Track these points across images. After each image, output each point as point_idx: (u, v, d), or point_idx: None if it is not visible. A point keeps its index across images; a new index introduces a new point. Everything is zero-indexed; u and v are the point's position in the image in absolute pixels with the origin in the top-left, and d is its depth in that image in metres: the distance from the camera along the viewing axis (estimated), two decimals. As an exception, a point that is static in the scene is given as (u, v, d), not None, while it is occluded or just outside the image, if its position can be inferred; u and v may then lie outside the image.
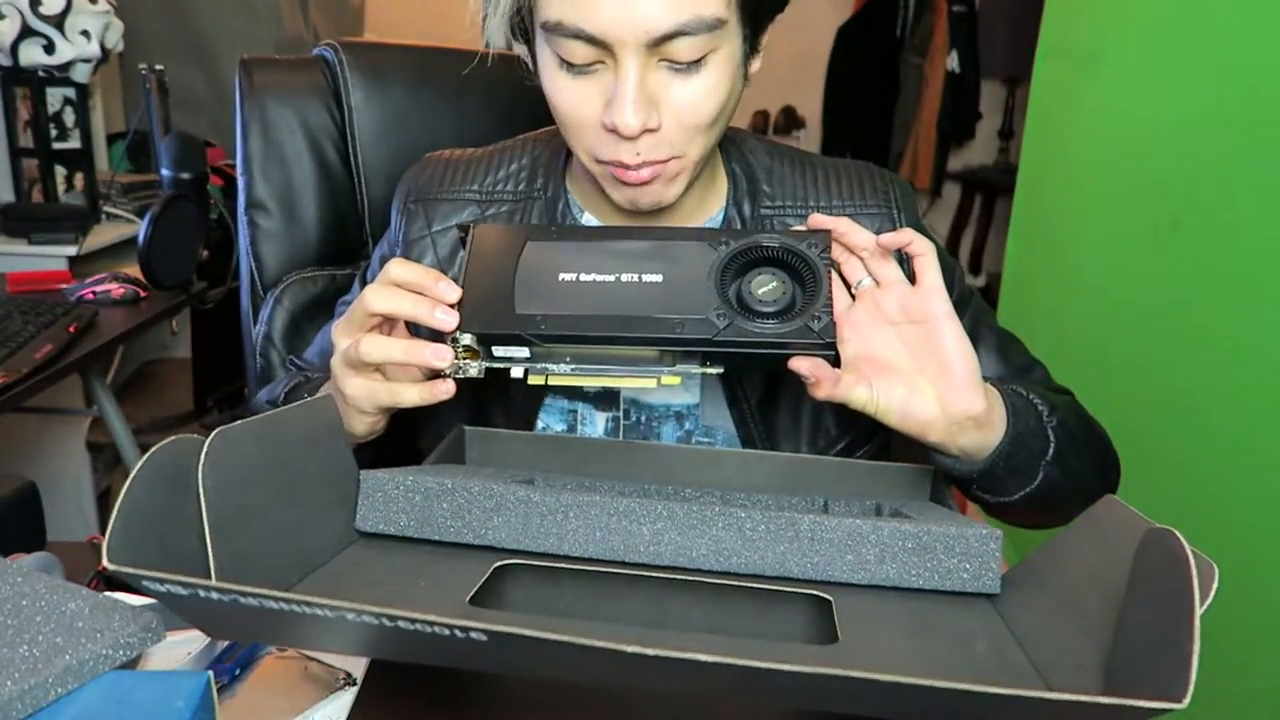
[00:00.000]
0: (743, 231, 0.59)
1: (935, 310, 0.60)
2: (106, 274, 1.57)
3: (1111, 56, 1.59)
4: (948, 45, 3.52)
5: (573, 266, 0.59)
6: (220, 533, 0.43)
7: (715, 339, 0.56)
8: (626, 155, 0.64)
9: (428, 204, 0.79)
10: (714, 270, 0.58)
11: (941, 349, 0.60)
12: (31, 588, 0.54)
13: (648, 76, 0.62)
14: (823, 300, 0.57)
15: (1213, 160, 1.26)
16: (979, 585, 0.50)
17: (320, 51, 1.01)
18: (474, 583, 0.48)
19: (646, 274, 0.58)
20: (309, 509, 0.51)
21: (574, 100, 0.65)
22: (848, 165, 0.81)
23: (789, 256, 0.59)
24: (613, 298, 0.58)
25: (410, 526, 0.54)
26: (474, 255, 0.61)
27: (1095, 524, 0.48)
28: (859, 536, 0.50)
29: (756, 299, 0.58)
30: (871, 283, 0.63)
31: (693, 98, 0.63)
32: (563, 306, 0.58)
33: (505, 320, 0.58)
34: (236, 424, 0.46)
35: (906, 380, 0.60)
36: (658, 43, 0.61)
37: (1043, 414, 0.65)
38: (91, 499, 1.77)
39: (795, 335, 0.56)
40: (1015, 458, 0.62)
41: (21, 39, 1.70)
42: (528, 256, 0.60)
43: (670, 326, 0.57)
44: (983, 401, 0.59)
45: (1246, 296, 1.16)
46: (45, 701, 0.48)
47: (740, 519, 0.51)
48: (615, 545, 0.51)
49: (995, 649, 0.45)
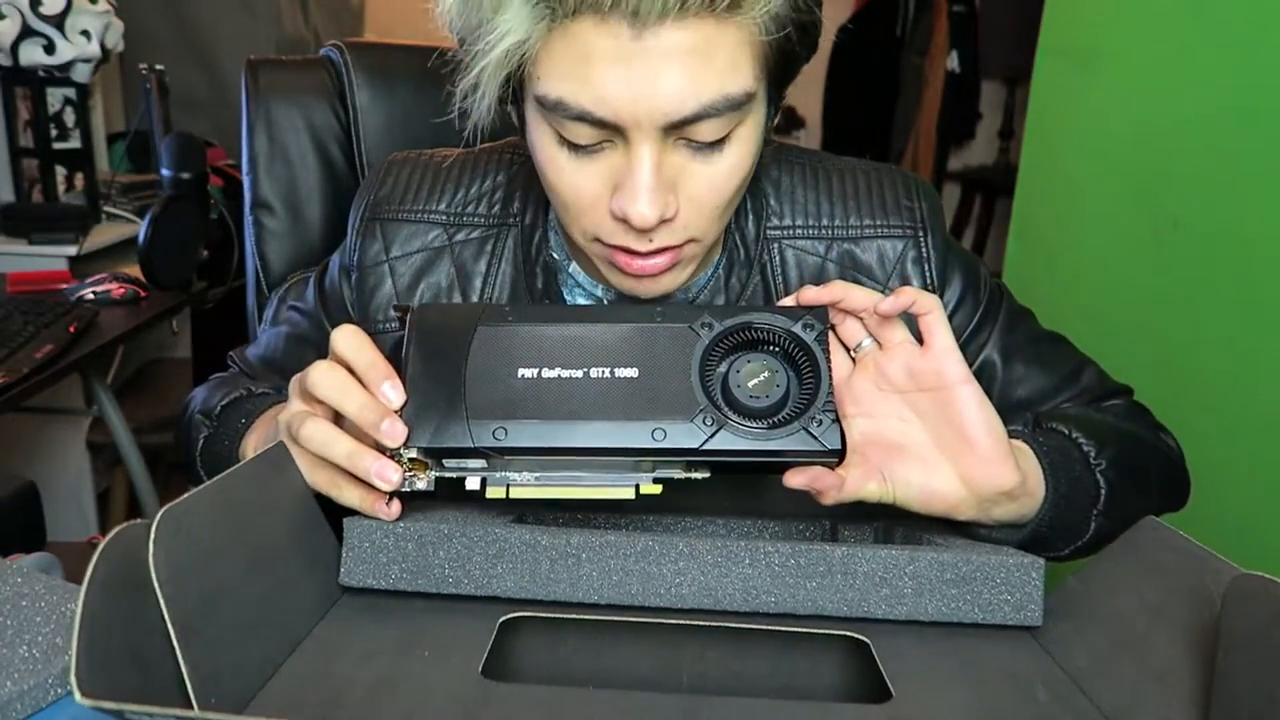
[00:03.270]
0: (729, 309, 0.52)
1: (950, 375, 0.52)
2: (106, 274, 1.57)
3: (1111, 56, 1.59)
4: (948, 45, 3.51)
5: (533, 360, 0.51)
6: (187, 632, 0.37)
7: (701, 448, 0.49)
8: (638, 244, 0.57)
9: (386, 224, 0.70)
10: (697, 359, 0.51)
11: (960, 420, 0.51)
12: (31, 588, 0.54)
13: (664, 159, 0.54)
14: (824, 397, 0.50)
15: (1213, 160, 1.25)
16: (1021, 618, 0.47)
17: (326, 52, 1.01)
18: (482, 645, 0.44)
19: (619, 368, 0.50)
20: (280, 577, 0.46)
21: (576, 184, 0.56)
22: (868, 172, 0.71)
23: (782, 340, 0.52)
24: (581, 399, 0.50)
25: (404, 579, 0.49)
26: (416, 346, 0.52)
27: (1138, 548, 0.45)
28: (894, 568, 0.47)
29: (747, 392, 0.51)
30: (873, 345, 0.54)
31: (715, 180, 0.56)
32: (522, 412, 0.50)
33: (457, 431, 0.49)
34: (183, 499, 0.41)
35: (923, 461, 0.52)
36: (677, 126, 0.53)
37: (1089, 457, 0.58)
38: (91, 499, 1.77)
39: (795, 444, 0.49)
40: (1060, 520, 0.55)
41: (21, 39, 1.70)
42: (480, 347, 0.51)
43: (649, 434, 0.49)
44: (1014, 474, 0.52)
45: (1247, 296, 1.16)
46: (45, 701, 0.48)
47: (768, 553, 0.47)
48: (634, 589, 0.47)
49: (1056, 695, 0.42)
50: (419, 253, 0.70)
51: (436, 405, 0.50)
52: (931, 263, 0.69)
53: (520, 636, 0.48)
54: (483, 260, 0.70)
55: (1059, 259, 1.79)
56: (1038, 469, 0.55)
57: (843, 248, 0.69)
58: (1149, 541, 0.45)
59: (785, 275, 0.69)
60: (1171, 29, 1.40)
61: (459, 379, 0.50)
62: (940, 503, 0.52)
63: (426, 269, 0.70)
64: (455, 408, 0.50)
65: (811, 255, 0.69)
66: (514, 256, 0.69)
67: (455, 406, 0.50)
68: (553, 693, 0.42)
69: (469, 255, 0.70)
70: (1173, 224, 1.34)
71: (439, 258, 0.70)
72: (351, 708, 0.40)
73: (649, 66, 0.51)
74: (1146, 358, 1.43)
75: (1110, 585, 0.46)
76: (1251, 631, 0.36)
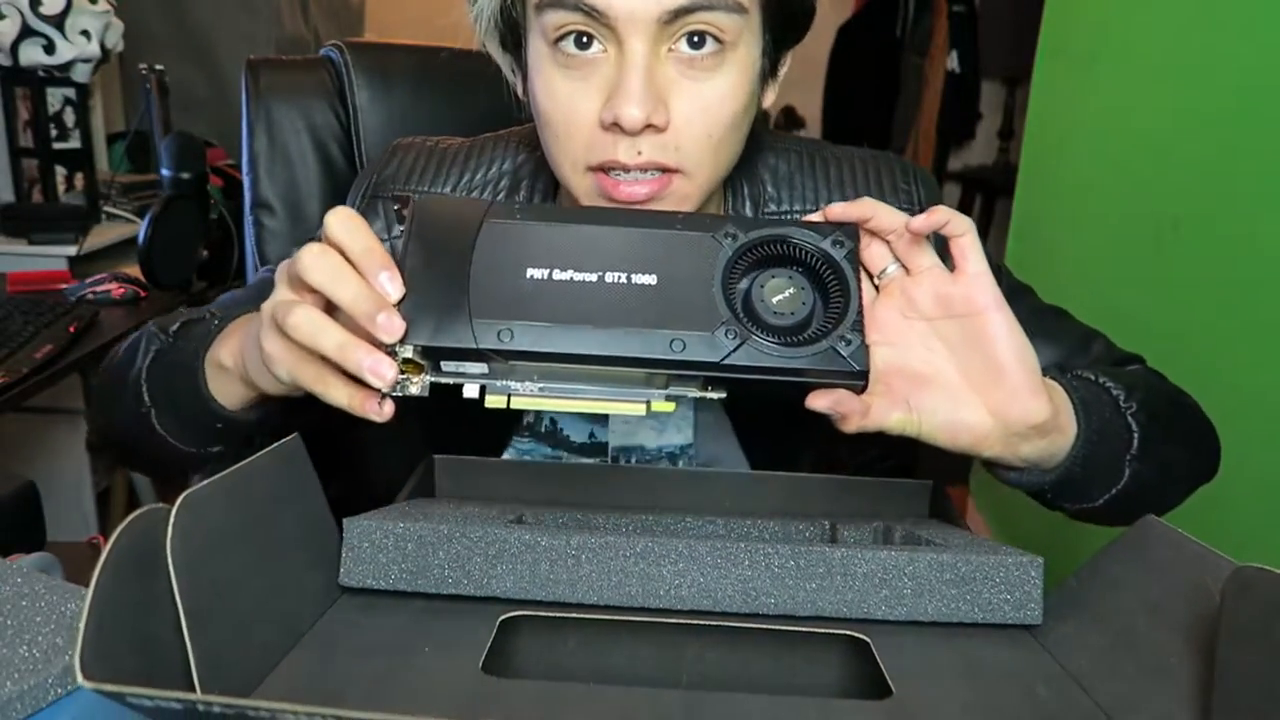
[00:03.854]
0: (755, 221, 0.49)
1: (981, 300, 0.49)
2: (106, 274, 1.57)
3: (1111, 57, 1.59)
4: (948, 45, 3.51)
5: (544, 259, 0.47)
6: (196, 619, 0.37)
7: (723, 363, 0.46)
8: (625, 154, 0.55)
9: (388, 202, 0.69)
10: (720, 270, 0.48)
11: (991, 348, 0.49)
12: (31, 588, 0.54)
13: (657, 69, 0.54)
14: (852, 316, 0.48)
15: (1213, 160, 1.25)
16: (1021, 617, 0.47)
17: (326, 52, 1.01)
18: (482, 643, 0.44)
19: (637, 274, 0.47)
20: (286, 570, 0.46)
21: (568, 97, 0.56)
22: (864, 156, 0.71)
23: (809, 256, 0.49)
24: (594, 304, 0.47)
25: (403, 579, 0.48)
26: (416, 238, 0.48)
27: (1138, 545, 0.45)
28: (894, 569, 0.47)
29: (770, 308, 0.48)
30: (899, 270, 0.52)
31: (705, 99, 0.56)
32: (531, 313, 0.46)
33: (458, 331, 0.46)
34: (202, 486, 0.40)
35: (950, 392, 0.50)
36: (670, 21, 0.53)
37: (1119, 400, 0.56)
38: (91, 499, 1.77)
39: (820, 362, 0.47)
40: (1094, 460, 0.53)
41: (21, 39, 1.70)
42: (486, 243, 0.48)
43: (667, 345, 0.46)
44: (1046, 406, 0.50)
45: (1247, 296, 1.16)
46: (45, 701, 0.48)
47: (768, 555, 0.47)
48: (633, 590, 0.47)
49: (1056, 692, 0.42)
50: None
51: (437, 302, 0.47)
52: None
53: (520, 636, 0.47)
54: None
55: (1059, 259, 1.79)
56: (1069, 405, 0.53)
57: None
58: (1149, 539, 0.45)
59: None
60: (1171, 29, 1.40)
61: (463, 275, 0.47)
62: (967, 435, 0.50)
63: None
64: (458, 305, 0.46)
65: None
66: None
67: (458, 304, 0.46)
68: (553, 688, 0.42)
69: None
70: (1173, 224, 1.34)
71: None
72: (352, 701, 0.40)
73: None
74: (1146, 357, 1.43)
75: (1110, 583, 0.46)
76: (1251, 623, 0.36)
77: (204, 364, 0.57)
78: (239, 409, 0.58)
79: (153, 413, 0.61)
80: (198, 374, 0.57)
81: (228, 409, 0.57)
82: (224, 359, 0.56)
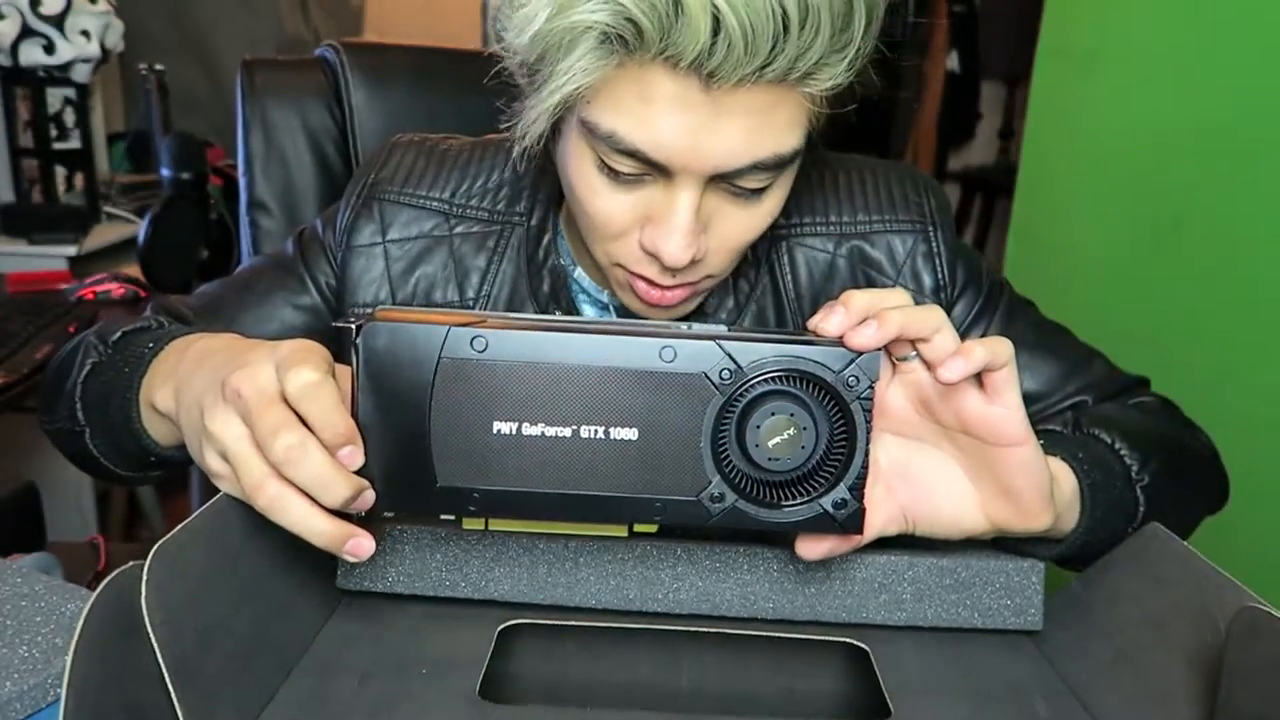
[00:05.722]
0: (754, 339, 0.43)
1: (1011, 435, 0.45)
2: (106, 274, 1.56)
3: (1111, 56, 1.59)
4: (948, 45, 3.51)
5: (510, 410, 0.42)
6: (181, 672, 0.35)
7: (707, 526, 0.43)
8: (660, 277, 0.56)
9: (385, 205, 0.68)
10: (709, 422, 0.43)
11: (1010, 478, 0.45)
12: (31, 588, 0.54)
13: (704, 200, 0.53)
14: (855, 473, 0.43)
15: (1214, 160, 1.25)
16: (1021, 623, 0.46)
17: (321, 52, 1.01)
18: (479, 660, 0.43)
19: (616, 428, 0.42)
20: (273, 599, 0.44)
21: (609, 210, 0.54)
22: (875, 168, 0.71)
23: (818, 393, 0.43)
24: (568, 466, 0.42)
25: (401, 582, 0.48)
26: (368, 381, 0.42)
27: (1141, 555, 0.45)
28: (894, 573, 0.47)
29: (765, 453, 0.43)
30: (919, 364, 0.46)
31: (749, 223, 0.55)
32: (499, 477, 0.42)
33: (425, 497, 0.43)
34: (174, 535, 0.38)
35: (954, 503, 0.47)
36: (725, 176, 0.52)
37: (1131, 471, 0.54)
38: (91, 499, 1.77)
39: (812, 526, 0.44)
40: (1093, 543, 0.51)
41: (21, 39, 1.70)
42: (444, 389, 0.42)
43: (648, 509, 0.43)
44: (1048, 520, 0.47)
45: (1247, 296, 1.16)
46: (45, 701, 0.48)
47: (767, 559, 0.47)
48: (631, 594, 0.47)
49: (1057, 710, 0.42)
50: (416, 239, 0.68)
51: (398, 466, 0.43)
52: (942, 258, 0.69)
53: (519, 643, 0.47)
54: (482, 256, 0.68)
55: (1059, 259, 1.79)
56: (1074, 500, 0.50)
57: (852, 244, 0.68)
58: (1153, 551, 0.45)
59: (794, 274, 0.68)
60: (1171, 29, 1.40)
61: (422, 432, 0.42)
62: (961, 536, 0.48)
63: (423, 257, 0.68)
64: (421, 467, 0.42)
65: (821, 253, 0.68)
66: (517, 257, 0.68)
67: (421, 465, 0.42)
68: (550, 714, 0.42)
69: (468, 249, 0.68)
70: (1173, 224, 1.34)
71: (436, 247, 0.68)
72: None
73: (711, 119, 0.49)
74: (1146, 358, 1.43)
75: (1113, 593, 0.46)
76: (1258, 670, 0.35)
77: (138, 396, 0.54)
78: (174, 447, 0.55)
79: (87, 432, 0.59)
80: (131, 406, 0.55)
81: (162, 446, 0.55)
82: (158, 402, 0.52)
